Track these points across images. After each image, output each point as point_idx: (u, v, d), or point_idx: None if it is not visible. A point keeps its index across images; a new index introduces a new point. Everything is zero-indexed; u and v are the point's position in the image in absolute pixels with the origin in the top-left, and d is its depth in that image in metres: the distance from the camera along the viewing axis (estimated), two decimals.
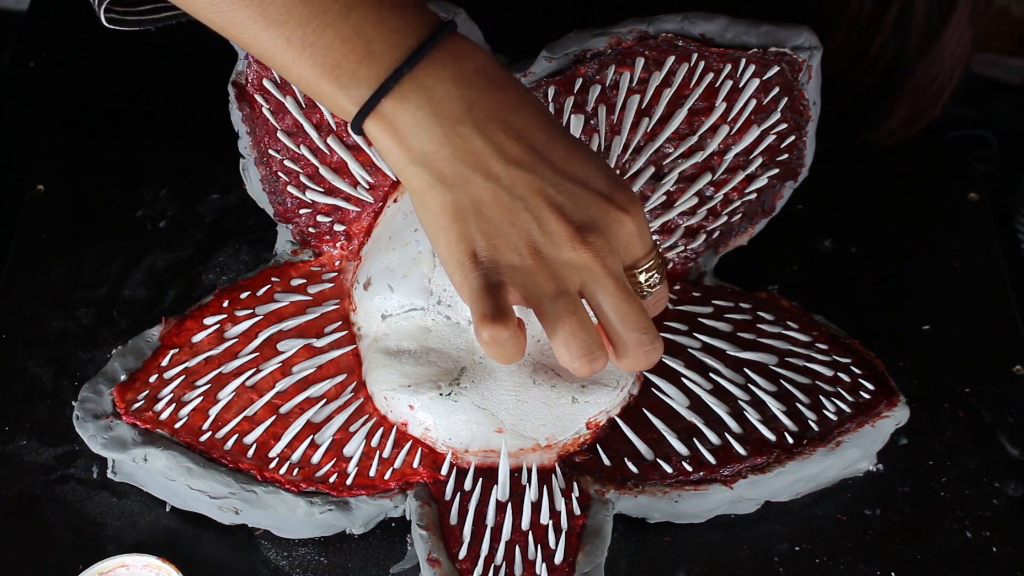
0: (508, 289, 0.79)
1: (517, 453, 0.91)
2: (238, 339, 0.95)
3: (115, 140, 1.11)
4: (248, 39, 0.79)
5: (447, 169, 0.78)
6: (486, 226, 0.78)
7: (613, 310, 0.80)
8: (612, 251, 0.80)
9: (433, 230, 0.80)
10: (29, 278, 1.03)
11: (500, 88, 0.79)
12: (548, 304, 0.79)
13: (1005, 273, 1.05)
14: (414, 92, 0.78)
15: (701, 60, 0.96)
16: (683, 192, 0.98)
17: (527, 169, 0.78)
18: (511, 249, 0.79)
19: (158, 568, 0.87)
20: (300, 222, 0.99)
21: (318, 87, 0.79)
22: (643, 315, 0.81)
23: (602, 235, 0.79)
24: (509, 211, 0.78)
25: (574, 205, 0.79)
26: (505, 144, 0.78)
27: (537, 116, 0.80)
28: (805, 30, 0.97)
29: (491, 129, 0.78)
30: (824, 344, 0.96)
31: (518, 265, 0.79)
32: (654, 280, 0.83)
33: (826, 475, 0.93)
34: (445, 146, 0.78)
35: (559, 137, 0.80)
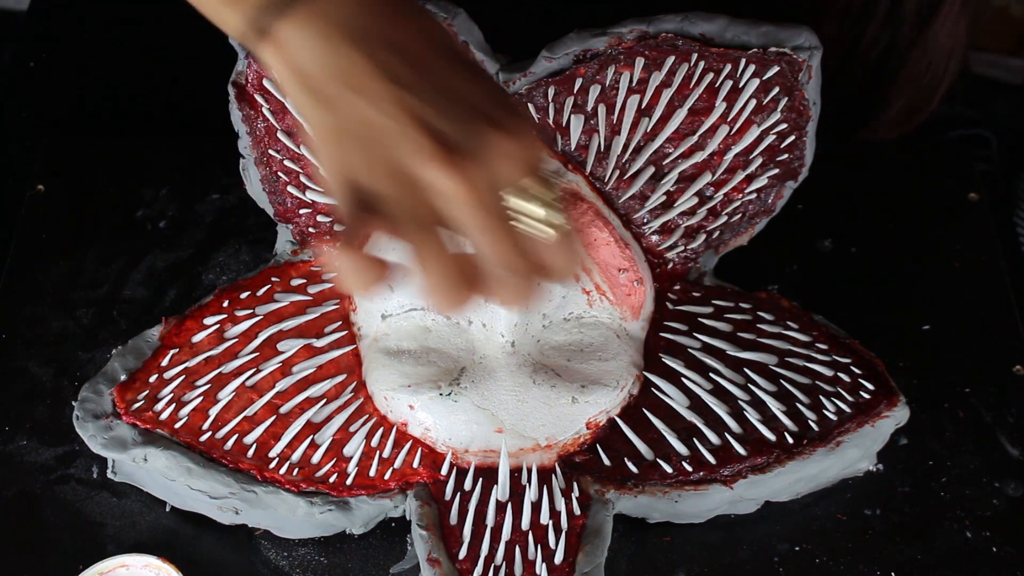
0: (372, 216, 0.76)
1: (517, 453, 0.91)
2: (238, 339, 0.95)
3: (115, 140, 1.11)
4: None
5: (328, 89, 0.77)
6: (360, 150, 0.77)
7: (475, 240, 0.76)
8: (484, 176, 0.76)
9: (317, 153, 0.79)
10: (29, 278, 1.03)
11: (395, 10, 0.78)
12: (412, 231, 0.76)
13: (1005, 273, 1.05)
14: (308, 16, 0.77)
15: (701, 60, 0.96)
16: (683, 192, 0.98)
17: (405, 88, 0.76)
18: (382, 170, 0.76)
19: (158, 568, 0.88)
20: (300, 222, 0.99)
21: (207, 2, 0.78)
22: (507, 248, 0.76)
23: (474, 159, 0.76)
24: (382, 132, 0.76)
25: (449, 126, 0.76)
26: (388, 63, 0.76)
27: (431, 39, 0.78)
28: (805, 30, 0.97)
29: (376, 48, 0.77)
30: (824, 344, 0.96)
31: (386, 185, 0.76)
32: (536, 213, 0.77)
33: (826, 475, 0.93)
34: (328, 65, 0.77)
35: (450, 61, 0.78)
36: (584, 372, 0.92)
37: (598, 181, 0.97)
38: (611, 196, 0.97)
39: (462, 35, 0.95)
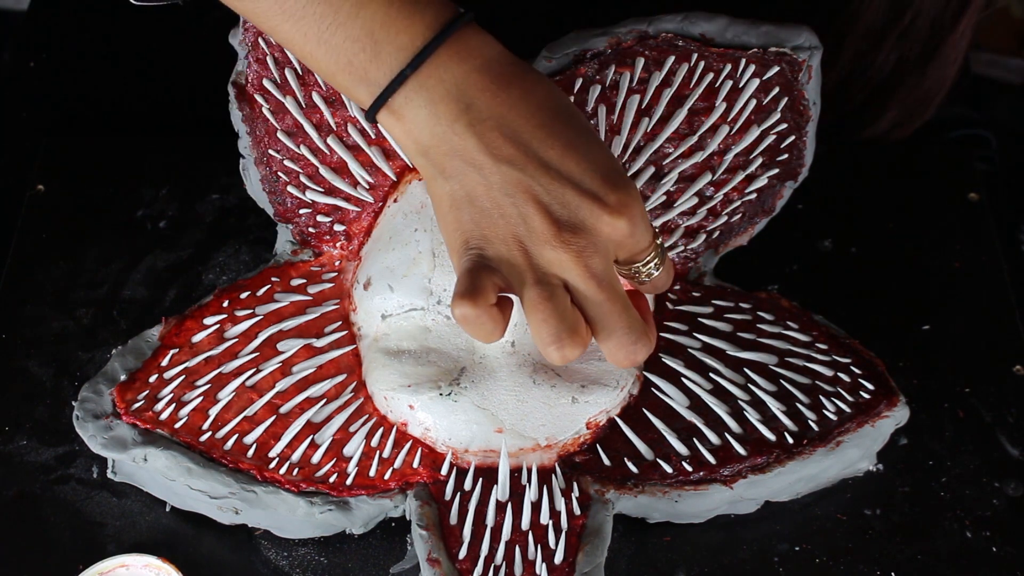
0: (492, 273, 0.82)
1: (517, 453, 0.91)
2: (238, 339, 0.95)
3: (115, 140, 1.11)
4: (271, 28, 0.83)
5: (445, 162, 0.82)
6: (478, 216, 0.82)
7: (594, 309, 0.82)
8: (596, 251, 0.81)
9: (438, 216, 0.84)
10: (29, 278, 1.03)
11: (502, 86, 0.82)
12: (526, 290, 0.81)
13: (1005, 273, 1.05)
14: (417, 92, 0.81)
15: (701, 60, 0.96)
16: (683, 192, 0.98)
17: (517, 167, 0.81)
18: (499, 239, 0.82)
19: (158, 568, 0.88)
20: (300, 222, 0.99)
21: (336, 80, 0.83)
22: (627, 313, 0.82)
23: (586, 235, 0.81)
24: (498, 205, 0.81)
25: (560, 206, 0.81)
26: (497, 143, 0.81)
27: (537, 114, 0.82)
28: (805, 30, 0.97)
29: (486, 128, 0.81)
30: (824, 344, 0.96)
31: (504, 255, 0.82)
32: (652, 270, 0.85)
33: (826, 475, 0.93)
34: (443, 142, 0.82)
35: (557, 135, 0.82)
36: (584, 372, 0.92)
37: None
38: None
39: None
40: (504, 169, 0.81)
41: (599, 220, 0.81)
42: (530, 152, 0.81)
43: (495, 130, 0.81)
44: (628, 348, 0.82)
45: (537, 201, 0.81)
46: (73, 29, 1.20)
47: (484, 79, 0.82)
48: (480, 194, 0.81)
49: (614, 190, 0.82)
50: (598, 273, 0.81)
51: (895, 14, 1.08)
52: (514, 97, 0.82)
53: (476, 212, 0.82)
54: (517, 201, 0.81)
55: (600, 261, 0.82)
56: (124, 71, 1.17)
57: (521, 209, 0.81)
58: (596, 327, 0.82)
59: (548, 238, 0.81)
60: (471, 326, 0.82)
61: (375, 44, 0.81)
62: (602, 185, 0.81)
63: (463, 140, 0.81)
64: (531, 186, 0.81)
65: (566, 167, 0.81)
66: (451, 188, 0.82)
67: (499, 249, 0.82)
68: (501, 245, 0.81)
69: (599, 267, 0.81)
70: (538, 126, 0.82)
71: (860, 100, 1.12)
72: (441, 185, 0.82)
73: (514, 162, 0.81)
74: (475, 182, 0.81)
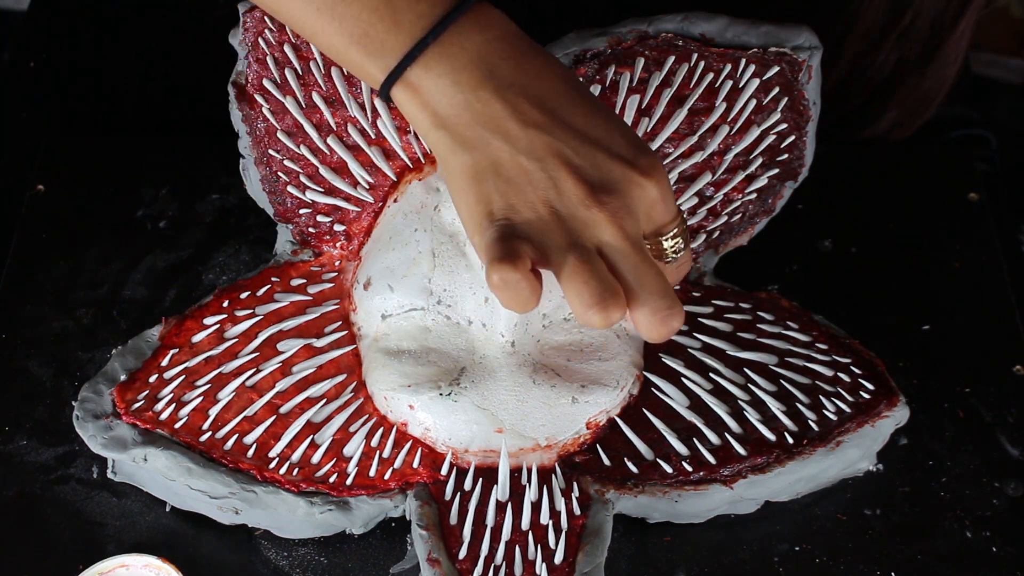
0: (523, 241, 0.79)
1: (517, 453, 0.91)
2: (238, 339, 0.95)
3: (115, 140, 1.11)
4: (278, 7, 0.82)
5: (467, 132, 0.79)
6: (504, 186, 0.79)
7: (630, 272, 0.79)
8: (629, 213, 0.79)
9: (455, 193, 0.81)
10: (29, 278, 1.03)
11: (523, 55, 0.80)
12: (560, 255, 0.78)
13: (1005, 273, 1.05)
14: (438, 61, 0.79)
15: (701, 60, 0.96)
16: (683, 192, 0.98)
17: (545, 131, 0.79)
18: (527, 207, 0.79)
19: (158, 568, 0.88)
20: (300, 222, 0.99)
21: (347, 55, 0.81)
22: (661, 279, 0.79)
23: (619, 197, 0.79)
24: (526, 171, 0.79)
25: (592, 167, 0.79)
26: (524, 107, 0.79)
27: (560, 81, 0.81)
28: (805, 30, 0.97)
29: (511, 94, 0.79)
30: (824, 344, 0.96)
31: (534, 221, 0.79)
32: (678, 247, 0.83)
33: (826, 475, 0.93)
34: (466, 111, 0.79)
35: (582, 102, 0.81)
36: (584, 372, 0.92)
37: None
38: None
39: None
40: (532, 134, 0.79)
41: (631, 182, 0.79)
42: (557, 117, 0.79)
43: (520, 95, 0.79)
44: (663, 314, 0.79)
45: (568, 163, 0.79)
46: (73, 29, 1.20)
47: (506, 48, 0.80)
48: (506, 162, 0.79)
49: (643, 155, 0.80)
50: (632, 234, 0.79)
51: (895, 14, 1.08)
52: (537, 66, 0.80)
53: (502, 182, 0.79)
54: (547, 165, 0.79)
55: (633, 223, 0.79)
56: (124, 71, 1.17)
57: (552, 173, 0.79)
58: (631, 290, 0.79)
59: (582, 198, 0.78)
60: (510, 291, 0.78)
61: (394, 12, 0.79)
62: (630, 149, 0.80)
63: (487, 106, 0.79)
64: (561, 149, 0.79)
65: (594, 132, 0.80)
66: (474, 159, 0.79)
67: (528, 216, 0.79)
68: (530, 212, 0.79)
69: (633, 229, 0.79)
70: (562, 94, 0.80)
71: (860, 100, 1.13)
72: (461, 157, 0.80)
73: (542, 127, 0.79)
74: (500, 150, 0.79)
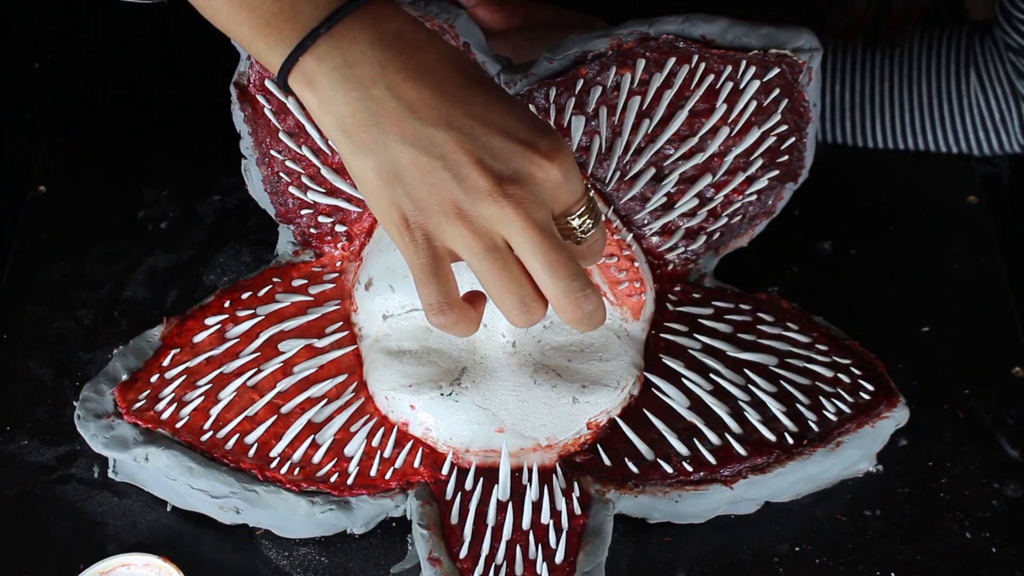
0: (444, 258, 0.80)
1: (518, 453, 0.91)
2: (239, 339, 0.95)
3: (116, 141, 1.12)
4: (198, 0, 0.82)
5: (364, 133, 0.79)
6: (410, 189, 0.79)
7: (539, 261, 0.79)
8: (535, 201, 0.79)
9: (365, 196, 0.81)
10: (30, 278, 1.03)
11: (417, 48, 0.80)
12: (477, 262, 0.79)
13: (1004, 275, 1.05)
14: (330, 54, 0.79)
15: (702, 62, 0.96)
16: (684, 193, 0.98)
17: (443, 126, 0.78)
18: (437, 210, 0.79)
19: (159, 568, 0.88)
20: (301, 223, 0.99)
21: (253, 46, 0.81)
22: (571, 263, 0.80)
23: (524, 185, 0.79)
24: (428, 172, 0.79)
25: (494, 157, 0.79)
26: (419, 103, 0.79)
27: (456, 72, 0.80)
28: (805, 32, 0.97)
29: (405, 89, 0.79)
30: (824, 345, 0.97)
31: (445, 225, 0.79)
32: (587, 225, 0.82)
33: (826, 476, 0.93)
34: (360, 110, 0.79)
35: (480, 91, 0.80)
36: (585, 372, 0.92)
37: (599, 182, 0.98)
38: (612, 197, 0.98)
39: (463, 36, 0.95)
40: (430, 130, 0.78)
41: (534, 167, 0.79)
42: (454, 110, 0.79)
43: (414, 91, 0.78)
44: (575, 296, 0.79)
45: (469, 154, 0.78)
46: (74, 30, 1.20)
47: (399, 42, 0.79)
48: (407, 163, 0.78)
49: (543, 137, 0.80)
50: (540, 221, 0.79)
51: None
52: (430, 59, 0.79)
53: (407, 184, 0.79)
54: (448, 162, 0.78)
55: (540, 210, 0.79)
56: (126, 72, 1.17)
57: (454, 170, 0.78)
58: (543, 279, 0.79)
59: (487, 191, 0.78)
60: (451, 331, 0.81)
61: (294, 4, 0.79)
62: (531, 133, 0.79)
63: (381, 105, 0.78)
64: (461, 141, 0.78)
65: (492, 119, 0.79)
66: (375, 162, 0.79)
67: (439, 220, 0.79)
68: (440, 215, 0.79)
69: (541, 217, 0.79)
70: (458, 85, 0.79)
71: None
72: (363, 161, 0.79)
73: (438, 122, 0.78)
74: (400, 151, 0.78)
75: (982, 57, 1.11)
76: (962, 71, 1.11)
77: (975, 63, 1.11)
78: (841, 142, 1.14)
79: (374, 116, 0.78)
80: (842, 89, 1.13)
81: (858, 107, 1.13)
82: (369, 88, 0.78)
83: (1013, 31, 1.08)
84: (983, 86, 1.11)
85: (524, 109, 0.81)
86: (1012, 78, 1.10)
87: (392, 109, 0.78)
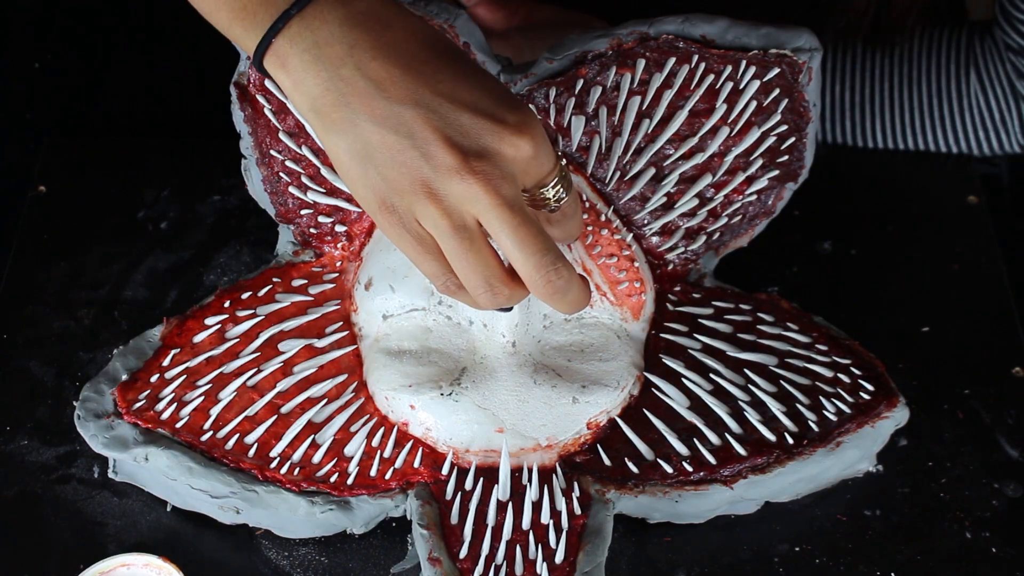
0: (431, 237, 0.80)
1: (518, 453, 0.91)
2: (239, 339, 0.95)
3: (116, 141, 1.12)
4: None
5: (335, 114, 0.79)
6: (381, 169, 0.79)
7: (508, 236, 0.79)
8: (504, 176, 0.79)
9: (342, 176, 0.81)
10: (30, 279, 1.03)
11: (387, 26, 0.80)
12: (445, 241, 0.79)
13: (1004, 275, 1.05)
14: (301, 35, 0.79)
15: (702, 62, 0.96)
16: (684, 193, 0.98)
17: (410, 104, 0.78)
18: (408, 189, 0.79)
19: (159, 568, 0.88)
20: (301, 223, 0.99)
21: (231, 31, 0.81)
22: (541, 238, 0.79)
23: (491, 161, 0.79)
24: (397, 151, 0.79)
25: (461, 133, 0.79)
26: (387, 81, 0.79)
27: (425, 48, 0.80)
28: (805, 32, 0.97)
29: (373, 68, 0.79)
30: (824, 345, 0.97)
31: (417, 204, 0.79)
32: (560, 194, 0.82)
33: (826, 476, 0.93)
34: (331, 90, 0.79)
35: (448, 66, 0.80)
36: (585, 372, 0.92)
37: (599, 182, 0.98)
38: (612, 197, 0.98)
39: (463, 36, 0.95)
40: (397, 108, 0.78)
41: (502, 142, 0.79)
42: (421, 87, 0.79)
43: (382, 69, 0.78)
44: (546, 270, 0.79)
45: (437, 131, 0.78)
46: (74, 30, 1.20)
47: (368, 20, 0.79)
48: (377, 143, 0.78)
49: (512, 111, 0.79)
50: (509, 197, 0.79)
51: None
52: (399, 36, 0.79)
53: (379, 164, 0.79)
54: (416, 140, 0.78)
55: (509, 187, 0.79)
56: (126, 72, 1.17)
57: (422, 148, 0.78)
58: (513, 255, 0.79)
59: (455, 168, 0.78)
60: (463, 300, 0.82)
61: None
62: (499, 107, 0.79)
63: (351, 84, 0.79)
64: (429, 118, 0.78)
65: (460, 95, 0.79)
66: (347, 143, 0.79)
67: (410, 201, 0.79)
68: (411, 195, 0.79)
69: (510, 193, 0.79)
70: (426, 61, 0.79)
71: None
72: (336, 141, 0.80)
73: (406, 100, 0.78)
74: (370, 131, 0.79)
75: (982, 57, 1.11)
76: (962, 71, 1.11)
77: (975, 63, 1.11)
78: (841, 142, 1.14)
79: (344, 96, 0.79)
80: (842, 89, 1.13)
81: (858, 107, 1.13)
82: (339, 68, 0.79)
83: (1013, 31, 1.08)
84: (983, 86, 1.11)
85: (494, 83, 0.80)
86: (1012, 78, 1.10)
87: (361, 88, 0.78)
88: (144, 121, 1.15)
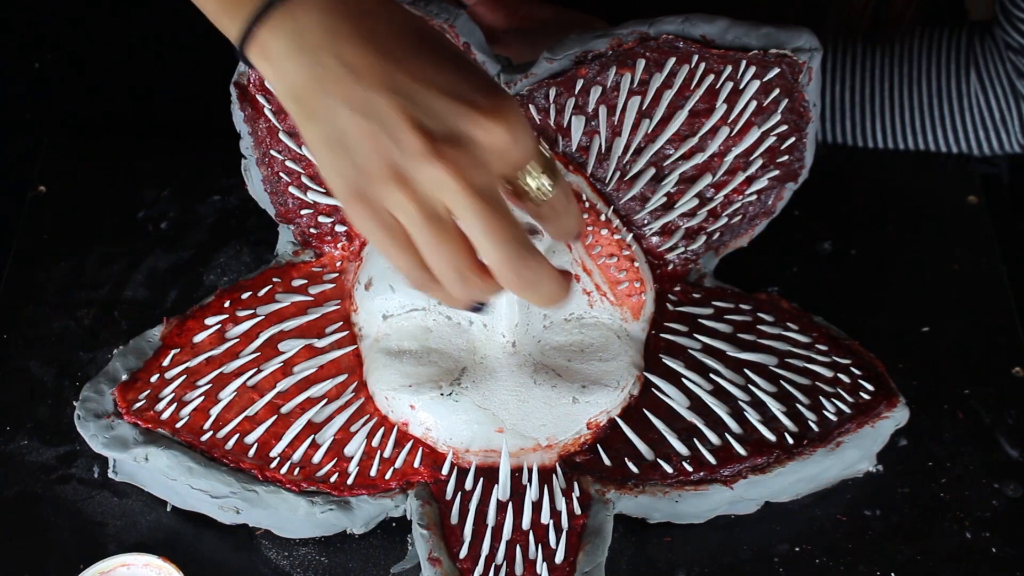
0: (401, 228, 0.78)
1: (518, 453, 0.91)
2: (239, 339, 0.95)
3: (116, 141, 1.12)
4: None
5: (315, 101, 0.78)
6: (354, 156, 0.77)
7: (475, 225, 0.76)
8: (474, 162, 0.76)
9: (318, 165, 0.80)
10: (30, 279, 1.03)
11: (368, 14, 0.78)
12: (416, 230, 0.77)
13: (1004, 275, 1.05)
14: (283, 23, 0.78)
15: (702, 62, 0.96)
16: (684, 193, 0.98)
17: (384, 89, 0.77)
18: (378, 176, 0.77)
19: (159, 567, 0.88)
20: (301, 223, 0.99)
21: (220, 21, 0.80)
22: (511, 228, 0.77)
23: (461, 146, 0.76)
24: (369, 136, 0.77)
25: (431, 117, 0.76)
26: (362, 67, 0.77)
27: (406, 35, 0.79)
28: (805, 32, 0.97)
29: (352, 54, 0.77)
30: (824, 345, 0.97)
31: (387, 192, 0.77)
32: (544, 185, 0.80)
33: (826, 476, 0.93)
34: (310, 78, 0.78)
35: (429, 53, 0.78)
36: (585, 372, 0.92)
37: (599, 182, 0.98)
38: (612, 197, 0.98)
39: (463, 36, 0.95)
40: (371, 95, 0.76)
41: (475, 126, 0.76)
42: (397, 72, 0.77)
43: (359, 55, 0.77)
44: (515, 263, 0.77)
45: (408, 116, 0.76)
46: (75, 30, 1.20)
47: (350, 8, 0.78)
48: (351, 130, 0.77)
49: (487, 96, 0.77)
50: (480, 185, 0.76)
51: None
52: (380, 24, 0.78)
53: (352, 153, 0.77)
54: (387, 125, 0.76)
55: (480, 173, 0.76)
56: (125, 72, 1.17)
57: (392, 133, 0.76)
58: (481, 245, 0.77)
59: (423, 152, 0.76)
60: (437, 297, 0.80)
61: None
62: (475, 93, 0.77)
63: (329, 72, 0.77)
64: (400, 104, 0.76)
65: (436, 80, 0.77)
66: (324, 131, 0.78)
67: (380, 188, 0.77)
68: (380, 183, 0.77)
69: (480, 179, 0.76)
70: (405, 48, 0.78)
71: None
72: (313, 129, 0.78)
73: (379, 85, 0.76)
74: (345, 118, 0.77)
75: (982, 57, 1.11)
76: (962, 71, 1.11)
77: (975, 63, 1.11)
78: (841, 142, 1.14)
79: (322, 83, 0.77)
80: (842, 89, 1.13)
81: (858, 107, 1.13)
82: (319, 54, 0.77)
83: (1013, 31, 1.08)
84: (983, 86, 1.11)
85: (474, 69, 0.79)
86: (1012, 78, 1.10)
87: (338, 74, 0.77)
88: (144, 121, 1.15)
